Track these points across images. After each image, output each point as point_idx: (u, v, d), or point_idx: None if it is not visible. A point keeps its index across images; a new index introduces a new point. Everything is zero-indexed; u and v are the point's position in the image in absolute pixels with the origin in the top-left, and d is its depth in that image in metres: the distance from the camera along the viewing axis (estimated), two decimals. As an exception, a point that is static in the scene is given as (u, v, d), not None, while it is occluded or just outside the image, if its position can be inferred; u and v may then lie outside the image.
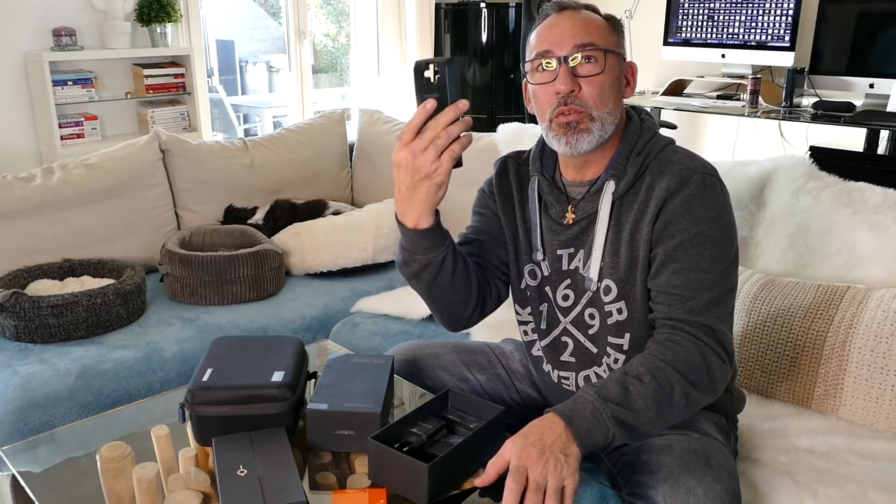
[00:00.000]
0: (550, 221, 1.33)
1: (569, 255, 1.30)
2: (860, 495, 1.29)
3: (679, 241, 1.18)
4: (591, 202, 1.27)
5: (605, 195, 1.25)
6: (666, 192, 1.19)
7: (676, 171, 1.20)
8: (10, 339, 1.99)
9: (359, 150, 3.00)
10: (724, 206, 1.20)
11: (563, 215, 1.30)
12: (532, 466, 1.01)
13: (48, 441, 1.33)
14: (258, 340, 1.38)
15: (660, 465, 1.18)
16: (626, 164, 1.24)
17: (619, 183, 1.24)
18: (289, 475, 1.10)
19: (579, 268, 1.29)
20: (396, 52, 4.41)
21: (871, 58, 3.39)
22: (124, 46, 3.36)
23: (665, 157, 1.24)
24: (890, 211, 1.66)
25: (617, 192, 1.24)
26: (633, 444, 1.27)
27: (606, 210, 1.25)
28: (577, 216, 1.29)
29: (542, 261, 1.34)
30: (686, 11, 3.86)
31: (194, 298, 2.23)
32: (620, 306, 1.25)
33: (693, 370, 1.14)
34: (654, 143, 1.26)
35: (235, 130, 5.37)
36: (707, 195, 1.19)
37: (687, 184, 1.19)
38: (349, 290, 2.38)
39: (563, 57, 1.21)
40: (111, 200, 2.40)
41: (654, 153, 1.25)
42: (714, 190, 1.20)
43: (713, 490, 1.13)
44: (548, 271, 1.33)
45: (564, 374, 1.35)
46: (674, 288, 1.18)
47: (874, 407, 1.49)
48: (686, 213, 1.18)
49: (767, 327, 1.63)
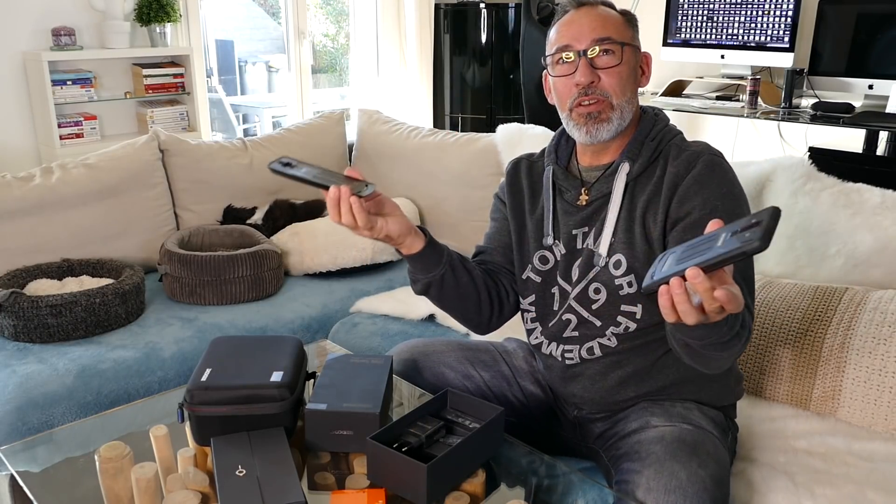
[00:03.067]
0: (565, 205, 1.38)
1: (583, 234, 1.35)
2: (858, 496, 1.30)
3: (696, 217, 1.24)
4: (606, 183, 1.33)
5: (620, 175, 1.32)
6: (676, 176, 1.27)
7: (685, 156, 1.28)
8: (8, 338, 1.99)
9: (358, 151, 3.00)
10: (732, 182, 1.27)
11: (578, 198, 1.36)
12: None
13: (47, 441, 1.33)
14: (257, 340, 1.38)
15: (649, 453, 1.21)
16: (640, 149, 1.32)
17: (633, 165, 1.31)
18: (287, 475, 1.10)
19: (589, 244, 1.34)
20: (396, 53, 4.41)
21: (871, 59, 3.39)
22: (123, 46, 3.36)
23: (676, 143, 1.32)
24: (889, 212, 1.66)
25: (631, 174, 1.31)
26: (629, 437, 1.29)
27: (620, 189, 1.31)
28: (591, 197, 1.35)
29: (555, 245, 1.38)
30: (685, 12, 3.86)
31: (193, 298, 2.23)
32: (631, 279, 1.30)
33: (746, 328, 1.15)
34: (667, 132, 1.34)
35: (235, 130, 5.37)
36: (715, 174, 1.26)
37: (695, 165, 1.26)
38: (348, 290, 2.38)
39: (582, 51, 1.28)
40: (110, 200, 2.39)
41: (667, 140, 1.33)
42: (722, 168, 1.27)
43: (697, 475, 1.15)
44: (560, 255, 1.38)
45: (568, 348, 1.38)
46: None
47: (872, 408, 1.49)
48: (698, 191, 1.25)
49: (766, 328, 1.63)
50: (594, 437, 1.40)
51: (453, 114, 4.69)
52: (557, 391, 1.44)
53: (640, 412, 1.33)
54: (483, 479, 1.17)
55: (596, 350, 1.35)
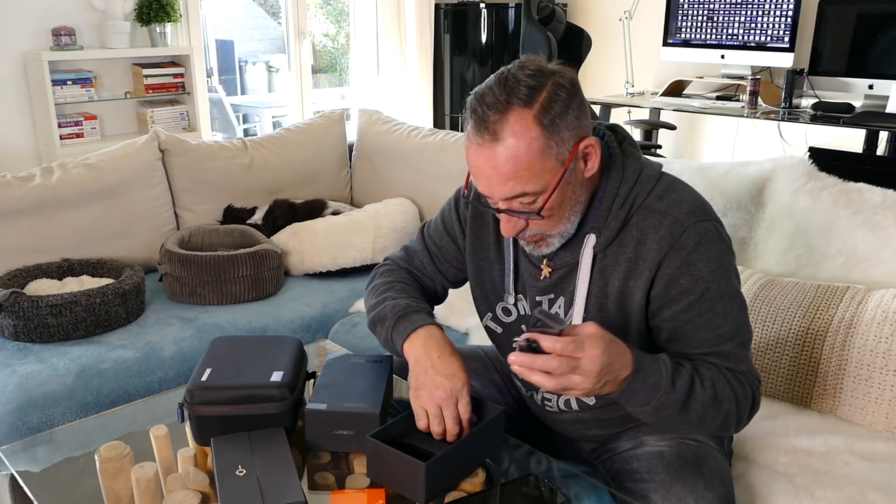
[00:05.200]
0: (530, 265, 1.25)
1: (549, 300, 1.24)
2: (859, 497, 1.29)
3: (686, 303, 1.12)
4: (571, 252, 1.19)
5: (586, 248, 1.17)
6: (658, 253, 1.11)
7: (667, 227, 1.11)
8: (8, 338, 1.99)
9: (358, 151, 3.00)
10: (722, 253, 1.13)
11: (540, 268, 1.23)
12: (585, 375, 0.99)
13: (47, 441, 1.33)
14: (257, 340, 1.38)
15: (651, 474, 1.18)
16: (606, 218, 1.15)
17: (599, 236, 1.16)
18: (287, 475, 1.09)
19: (559, 314, 1.23)
20: (396, 53, 4.41)
21: (871, 59, 3.39)
22: (124, 46, 3.36)
23: (651, 205, 1.14)
24: (889, 212, 1.66)
25: (599, 246, 1.16)
26: (625, 453, 1.27)
27: (588, 263, 1.17)
28: (554, 266, 1.21)
29: (518, 300, 1.28)
30: (685, 12, 3.86)
31: (193, 298, 2.23)
32: None
33: (744, 400, 1.13)
34: (640, 188, 1.15)
35: (235, 130, 5.36)
36: (703, 247, 1.11)
37: (680, 241, 1.11)
38: (348, 290, 2.38)
39: (498, 209, 1.12)
40: (110, 200, 2.39)
41: (640, 201, 1.14)
42: (709, 239, 1.12)
43: (704, 498, 1.13)
44: (524, 310, 1.27)
45: (547, 396, 1.32)
46: (696, 350, 1.14)
47: (873, 407, 1.49)
48: (686, 272, 1.11)
49: (767, 327, 1.63)
50: (587, 453, 1.38)
51: (453, 114, 4.69)
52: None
53: (633, 433, 1.29)
54: (482, 479, 1.17)
55: (573, 404, 1.29)
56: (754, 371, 1.17)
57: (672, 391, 1.07)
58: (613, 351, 1.02)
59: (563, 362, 0.98)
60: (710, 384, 1.10)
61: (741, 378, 1.13)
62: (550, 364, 0.98)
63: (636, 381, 1.05)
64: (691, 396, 1.08)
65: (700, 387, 1.09)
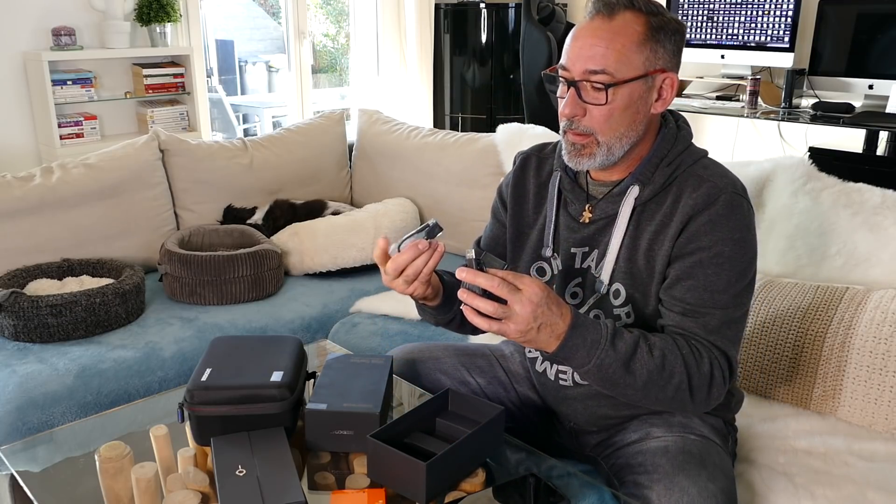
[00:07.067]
0: (568, 219, 1.30)
1: (582, 253, 1.28)
2: (858, 496, 1.29)
3: (698, 258, 1.17)
4: (612, 203, 1.25)
5: (628, 199, 1.23)
6: (692, 209, 1.17)
7: (705, 189, 1.18)
8: (8, 338, 1.99)
9: (358, 151, 3.00)
10: (747, 228, 1.18)
11: (581, 213, 1.29)
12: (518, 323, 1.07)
13: (47, 441, 1.33)
14: (257, 340, 1.38)
15: (655, 466, 1.19)
16: (654, 172, 1.22)
17: (643, 189, 1.22)
18: (287, 475, 1.10)
19: (591, 267, 1.27)
20: (396, 53, 4.41)
21: (871, 59, 3.39)
22: (124, 46, 3.36)
23: (695, 171, 1.21)
24: (889, 212, 1.66)
25: (640, 199, 1.22)
26: (630, 447, 1.28)
27: (626, 214, 1.23)
28: (594, 215, 1.27)
29: (552, 258, 1.32)
30: (685, 12, 3.86)
31: (193, 298, 2.23)
32: (629, 310, 1.25)
33: (698, 375, 1.15)
34: (687, 155, 1.23)
35: (235, 130, 5.37)
36: (733, 216, 1.17)
37: (714, 203, 1.17)
38: (348, 290, 2.38)
39: (572, 80, 1.17)
40: (110, 200, 2.39)
41: (686, 165, 1.22)
42: (740, 211, 1.18)
43: (707, 489, 1.14)
44: (557, 269, 1.32)
45: (562, 369, 1.34)
46: (687, 304, 1.18)
47: (873, 408, 1.49)
48: (709, 231, 1.16)
49: (766, 328, 1.63)
50: (591, 446, 1.39)
51: (453, 114, 4.69)
52: (551, 406, 1.42)
53: (639, 423, 1.31)
54: (482, 479, 1.17)
55: None
56: (731, 355, 1.19)
57: (612, 349, 1.12)
58: (551, 299, 1.10)
59: (504, 284, 1.06)
60: (659, 353, 1.14)
61: (701, 351, 1.16)
62: (492, 283, 1.06)
63: (575, 336, 1.11)
64: (634, 359, 1.13)
65: (647, 353, 1.13)
